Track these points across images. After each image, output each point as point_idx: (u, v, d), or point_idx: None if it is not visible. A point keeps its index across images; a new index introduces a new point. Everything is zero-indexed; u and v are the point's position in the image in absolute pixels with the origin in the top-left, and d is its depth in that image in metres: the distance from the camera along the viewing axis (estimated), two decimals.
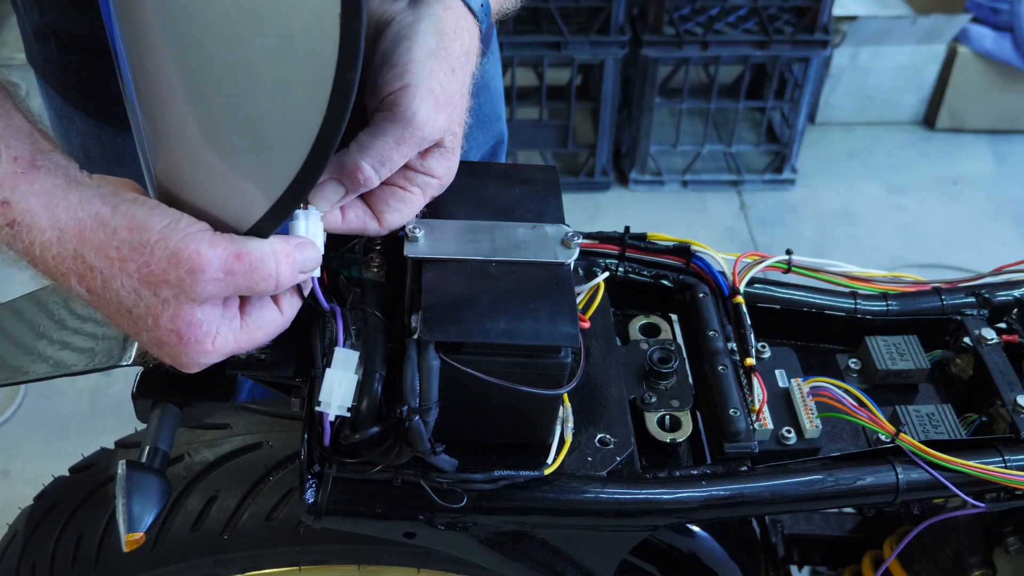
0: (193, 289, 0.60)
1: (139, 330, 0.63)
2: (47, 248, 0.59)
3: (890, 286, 0.94)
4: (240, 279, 0.61)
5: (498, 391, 0.67)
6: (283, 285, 0.64)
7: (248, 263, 0.61)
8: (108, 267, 0.60)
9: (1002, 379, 0.85)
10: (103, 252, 0.60)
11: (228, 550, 0.89)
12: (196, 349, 0.63)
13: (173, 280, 0.60)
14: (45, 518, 0.97)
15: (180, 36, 0.55)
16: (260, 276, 0.62)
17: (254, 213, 0.62)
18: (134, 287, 0.60)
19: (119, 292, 0.60)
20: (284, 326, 0.68)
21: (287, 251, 0.63)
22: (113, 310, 0.62)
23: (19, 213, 0.58)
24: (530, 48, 2.52)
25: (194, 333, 0.62)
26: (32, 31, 0.99)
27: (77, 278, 0.60)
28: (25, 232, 0.59)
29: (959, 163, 2.97)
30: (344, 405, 0.67)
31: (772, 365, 0.86)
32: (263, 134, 0.59)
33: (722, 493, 0.76)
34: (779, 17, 2.60)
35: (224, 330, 0.64)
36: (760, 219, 2.75)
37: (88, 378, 2.10)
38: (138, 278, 0.60)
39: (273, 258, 0.62)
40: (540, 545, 0.78)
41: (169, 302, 0.60)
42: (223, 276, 0.61)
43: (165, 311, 0.61)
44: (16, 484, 1.97)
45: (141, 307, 0.61)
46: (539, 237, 0.74)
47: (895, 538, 1.05)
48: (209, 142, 0.60)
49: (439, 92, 0.68)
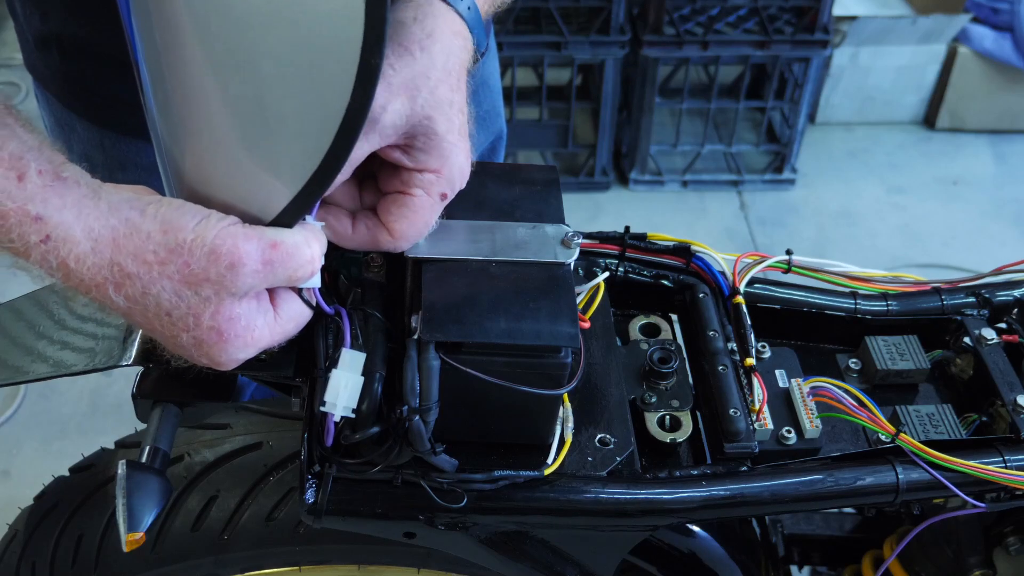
0: (235, 283, 0.60)
1: (177, 332, 0.62)
2: (82, 260, 0.58)
3: (890, 286, 0.94)
4: (279, 268, 0.61)
5: (498, 391, 0.67)
6: (313, 272, 0.64)
7: (285, 251, 0.61)
8: (147, 272, 0.59)
9: (1002, 379, 0.85)
10: (140, 257, 0.59)
11: (228, 550, 0.89)
12: (236, 345, 0.63)
13: (214, 277, 0.59)
14: (45, 518, 0.97)
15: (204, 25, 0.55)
16: (298, 263, 0.62)
17: (278, 203, 0.62)
18: (175, 289, 0.60)
19: (159, 296, 0.60)
20: (310, 316, 0.68)
21: (317, 235, 0.64)
22: (152, 315, 0.61)
23: (53, 228, 0.57)
24: (530, 48, 2.52)
25: (235, 328, 0.62)
26: (32, 38, 0.98)
27: (114, 287, 0.59)
28: (60, 246, 0.57)
29: (959, 163, 2.98)
30: (350, 406, 0.67)
31: (772, 365, 0.86)
32: (288, 122, 0.58)
33: (722, 493, 0.76)
34: (779, 17, 2.60)
35: (260, 323, 0.63)
36: (760, 219, 2.75)
37: (88, 378, 2.11)
38: (179, 279, 0.59)
39: (307, 244, 0.62)
40: (540, 545, 0.78)
41: (211, 300, 0.60)
42: (263, 267, 0.60)
43: (207, 309, 0.60)
44: (16, 484, 1.97)
45: (182, 308, 0.60)
46: (539, 237, 0.74)
47: (895, 538, 1.05)
48: (234, 133, 0.59)
49: (391, 76, 0.66)
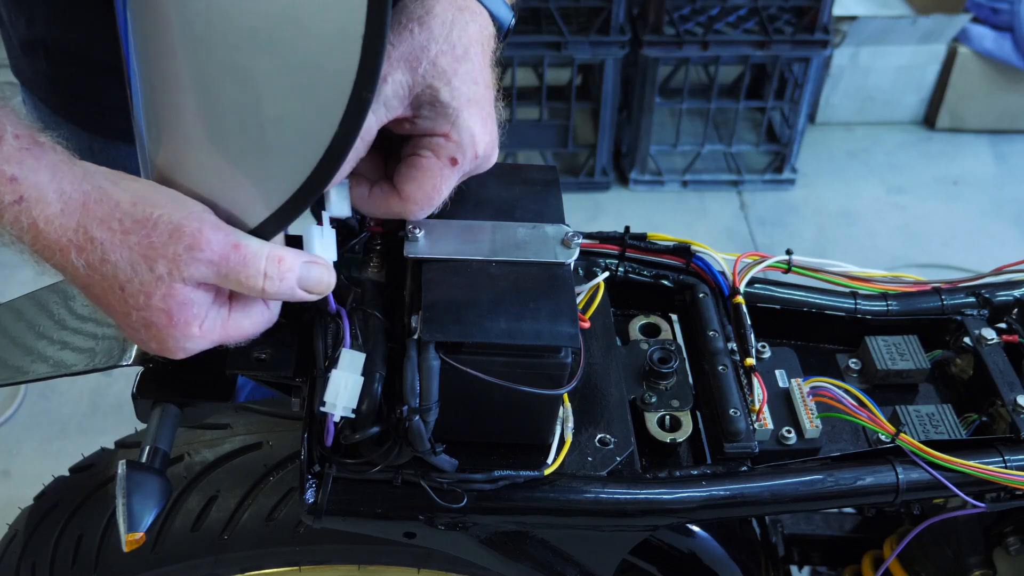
0: (188, 267, 0.60)
1: (128, 309, 0.62)
2: (51, 222, 0.59)
3: (890, 286, 0.94)
4: (231, 269, 0.62)
5: (498, 391, 0.67)
6: (269, 291, 0.64)
7: (242, 255, 0.62)
8: (110, 238, 0.60)
9: (1002, 379, 0.85)
10: (106, 223, 0.60)
11: (228, 550, 0.89)
12: (183, 332, 0.63)
13: (171, 255, 0.60)
14: (45, 518, 0.97)
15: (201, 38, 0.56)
16: (249, 272, 0.62)
17: (258, 215, 0.62)
18: (132, 260, 0.60)
19: (116, 265, 0.60)
20: (271, 321, 0.68)
21: (282, 258, 0.63)
22: (107, 287, 0.62)
23: (27, 188, 0.58)
24: (530, 48, 2.52)
25: (184, 315, 0.62)
26: (19, 43, 0.98)
27: (76, 251, 0.60)
28: (33, 207, 0.59)
29: (959, 163, 2.97)
30: (349, 406, 0.67)
31: (772, 365, 0.86)
32: (274, 142, 0.59)
33: (722, 493, 0.76)
34: (779, 17, 2.60)
35: (212, 316, 0.64)
36: (760, 219, 2.75)
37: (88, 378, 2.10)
38: (138, 250, 0.60)
39: (265, 260, 0.62)
40: (540, 545, 0.78)
41: (163, 279, 0.61)
42: (217, 260, 0.61)
43: (159, 289, 0.61)
44: (16, 484, 1.97)
45: (135, 283, 0.61)
46: (539, 237, 0.74)
47: (895, 538, 1.05)
48: (223, 143, 0.60)
49: (389, 51, 0.66)
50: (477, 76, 0.70)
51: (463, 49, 0.70)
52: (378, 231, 0.79)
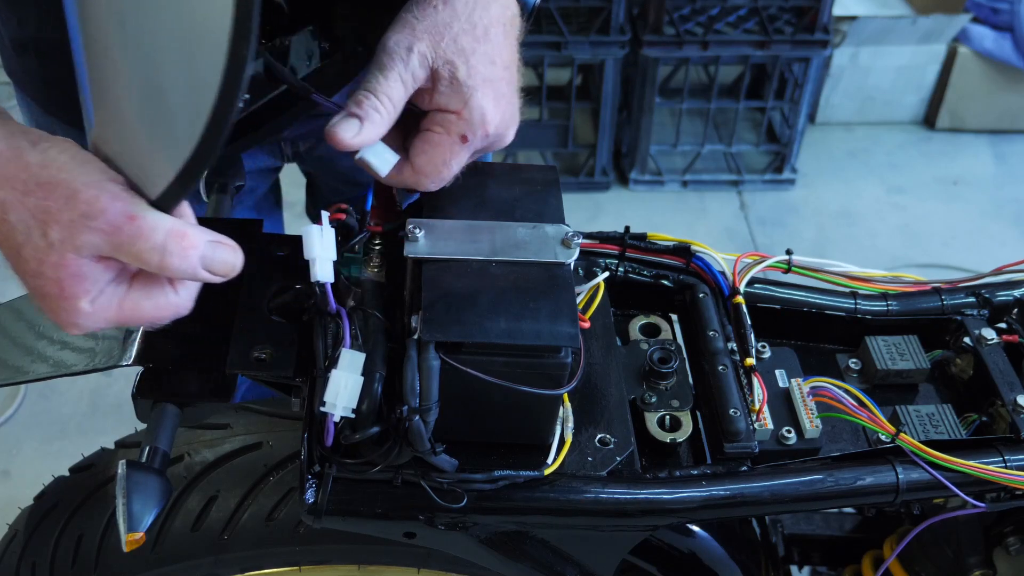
0: (80, 235, 0.59)
1: (24, 274, 0.62)
2: None
3: (890, 286, 0.94)
4: (125, 240, 0.60)
5: (498, 391, 0.67)
6: (169, 267, 0.61)
7: (137, 227, 0.60)
8: (12, 197, 0.59)
9: (1002, 379, 0.85)
10: (11, 183, 0.59)
11: (228, 550, 0.89)
12: (74, 305, 0.62)
13: (65, 221, 0.59)
14: (45, 518, 0.97)
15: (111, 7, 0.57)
16: (145, 245, 0.60)
17: (159, 185, 0.61)
18: (27, 221, 0.59)
19: (14, 225, 0.60)
20: (181, 309, 0.66)
21: (185, 234, 0.61)
22: (9, 248, 0.61)
23: None
24: (530, 48, 2.51)
25: (76, 288, 0.61)
26: (10, 43, 0.98)
27: None
28: None
29: (959, 163, 2.97)
30: (349, 406, 0.67)
31: (772, 365, 0.86)
32: (167, 106, 0.58)
33: (722, 493, 0.76)
34: (779, 17, 2.60)
35: (108, 293, 0.62)
36: (760, 219, 2.75)
37: (88, 378, 2.11)
38: (35, 213, 0.59)
39: (163, 234, 0.60)
40: (540, 545, 0.78)
41: (55, 246, 0.59)
42: (110, 230, 0.59)
43: (50, 256, 0.60)
44: (16, 484, 1.97)
45: (29, 248, 0.60)
46: (539, 237, 0.74)
47: (895, 538, 1.05)
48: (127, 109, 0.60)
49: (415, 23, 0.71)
50: (495, 56, 0.73)
51: (483, 29, 0.73)
52: (378, 231, 0.79)
